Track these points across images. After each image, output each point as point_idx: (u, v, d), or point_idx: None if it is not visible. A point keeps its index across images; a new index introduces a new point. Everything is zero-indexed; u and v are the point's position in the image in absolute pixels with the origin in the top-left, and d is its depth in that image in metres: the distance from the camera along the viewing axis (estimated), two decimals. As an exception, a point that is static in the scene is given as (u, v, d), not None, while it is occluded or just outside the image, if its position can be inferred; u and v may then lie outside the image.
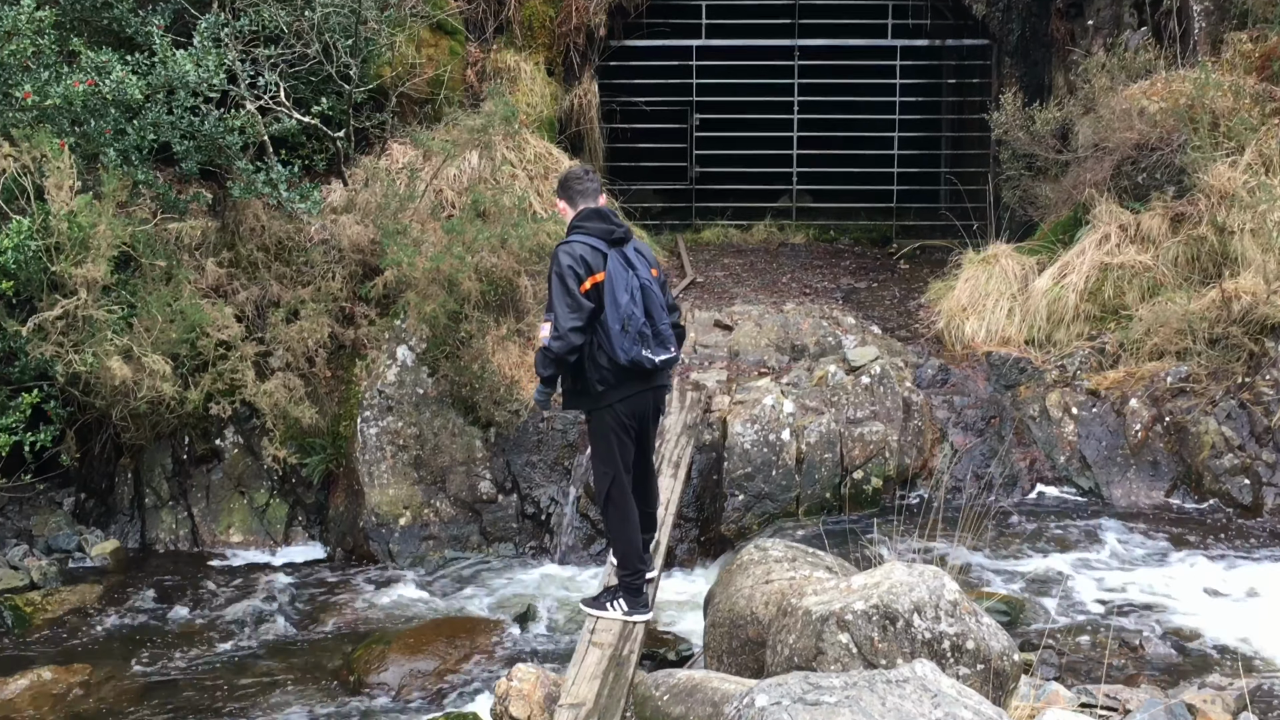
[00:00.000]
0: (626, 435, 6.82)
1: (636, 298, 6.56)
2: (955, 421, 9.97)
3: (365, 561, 9.87)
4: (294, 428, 10.14)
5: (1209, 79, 10.54)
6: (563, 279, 6.46)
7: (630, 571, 6.93)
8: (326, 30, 10.75)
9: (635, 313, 6.52)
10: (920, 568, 5.71)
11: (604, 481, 6.90)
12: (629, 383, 6.67)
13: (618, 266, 6.55)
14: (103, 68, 9.38)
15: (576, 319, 6.44)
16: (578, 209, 6.76)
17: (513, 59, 13.55)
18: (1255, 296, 9.51)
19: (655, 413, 7.04)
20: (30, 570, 9.46)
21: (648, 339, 6.59)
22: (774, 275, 13.69)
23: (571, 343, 6.46)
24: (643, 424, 6.92)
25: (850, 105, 16.28)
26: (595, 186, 6.83)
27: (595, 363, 6.59)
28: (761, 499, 9.30)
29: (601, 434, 6.82)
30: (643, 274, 6.65)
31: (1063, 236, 11.19)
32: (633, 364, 6.54)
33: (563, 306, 6.46)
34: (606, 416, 6.74)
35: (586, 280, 6.48)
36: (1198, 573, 8.05)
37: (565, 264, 6.48)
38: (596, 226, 6.65)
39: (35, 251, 9.05)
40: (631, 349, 6.51)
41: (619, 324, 6.48)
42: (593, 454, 7.06)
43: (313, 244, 10.70)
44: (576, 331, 6.45)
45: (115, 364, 9.12)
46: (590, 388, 6.67)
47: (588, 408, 6.83)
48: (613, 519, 6.97)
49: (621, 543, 6.96)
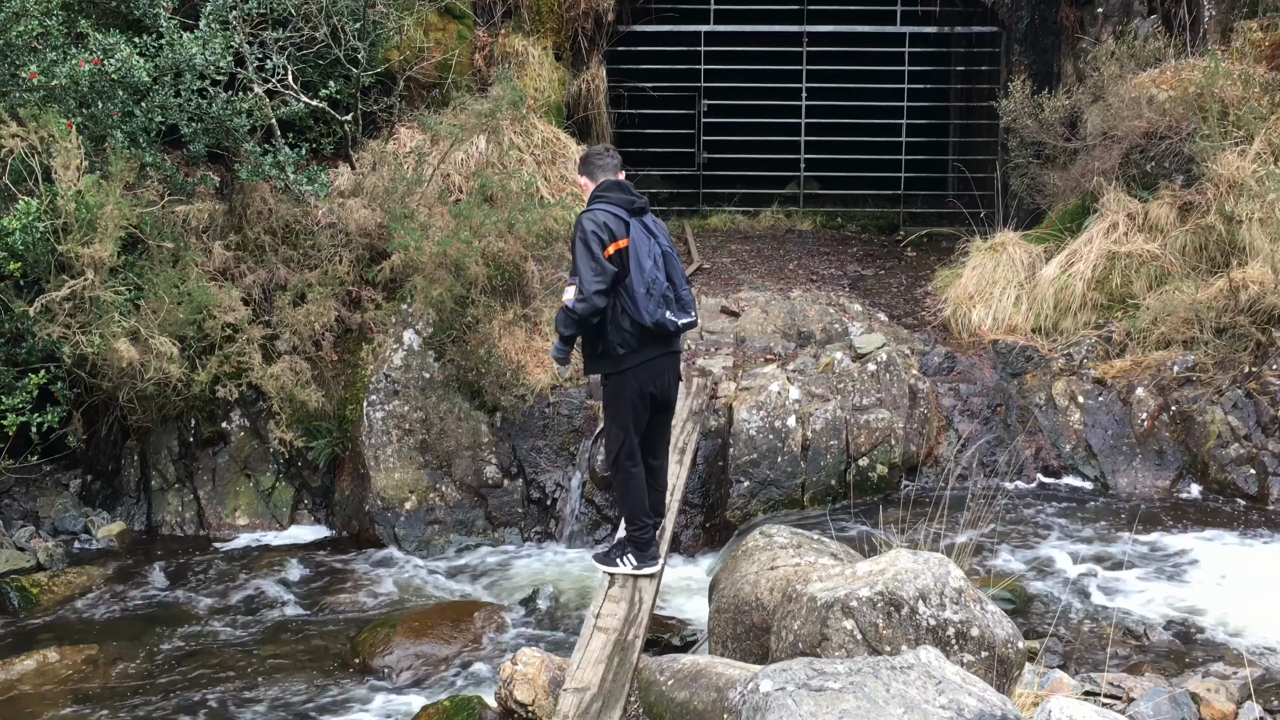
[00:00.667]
0: (643, 400, 7.04)
1: (659, 263, 6.88)
2: (961, 409, 9.97)
3: (371, 545, 9.88)
4: (300, 411, 10.16)
5: (1218, 68, 10.50)
6: (587, 243, 6.70)
7: (637, 526, 7.20)
8: (335, 14, 10.73)
9: (659, 277, 6.84)
10: (925, 555, 5.71)
11: (615, 443, 7.12)
12: (649, 346, 6.92)
13: (640, 234, 6.85)
14: (110, 49, 9.37)
15: (600, 282, 6.68)
16: (598, 181, 7.04)
17: (521, 43, 13.52)
18: (1263, 286, 9.49)
19: (675, 380, 7.24)
20: (37, 552, 9.49)
21: (670, 302, 6.90)
22: (781, 262, 13.67)
23: (595, 305, 6.70)
24: (663, 390, 7.13)
25: (858, 92, 16.25)
26: (615, 162, 7.12)
27: (618, 325, 6.83)
28: (767, 485, 9.31)
29: (619, 398, 7.03)
30: (663, 241, 7.00)
31: (1070, 225, 11.16)
32: (657, 326, 6.81)
33: (587, 269, 6.68)
34: (627, 381, 6.97)
35: (610, 245, 6.74)
36: (1202, 562, 8.05)
37: (589, 229, 6.73)
38: (618, 196, 6.93)
39: (43, 232, 9.05)
40: (656, 311, 6.79)
41: (644, 287, 6.77)
42: (607, 417, 7.26)
43: (320, 227, 10.70)
44: (600, 294, 6.69)
45: (122, 345, 9.13)
46: (612, 350, 6.89)
47: (607, 370, 7.02)
48: (619, 478, 7.22)
49: (629, 501, 7.21)
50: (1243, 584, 7.72)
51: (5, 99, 9.24)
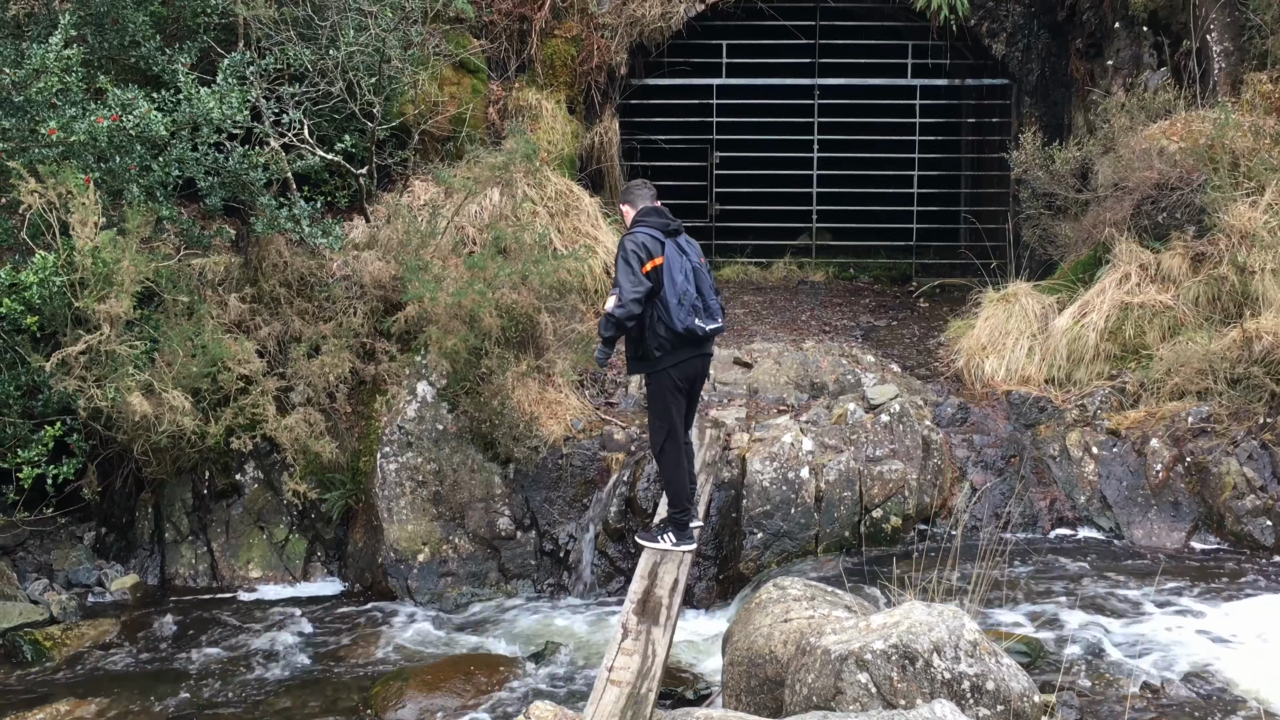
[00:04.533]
0: (679, 394, 8.22)
1: (690, 278, 8.00)
2: (975, 460, 9.95)
3: (384, 598, 9.86)
4: (314, 463, 10.17)
5: (1229, 119, 10.55)
6: (628, 260, 7.86)
7: (680, 509, 8.33)
8: (350, 69, 10.85)
9: (689, 289, 7.96)
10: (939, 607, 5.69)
11: (660, 434, 8.28)
12: (682, 349, 8.05)
13: (673, 253, 7.99)
14: (128, 104, 9.48)
15: (638, 292, 7.81)
16: (638, 209, 8.24)
17: (534, 97, 13.65)
18: (1277, 337, 9.47)
19: (703, 376, 8.49)
20: (50, 604, 9.49)
21: (699, 311, 8.02)
22: (793, 313, 13.70)
23: (632, 311, 7.82)
24: (693, 385, 8.36)
25: (870, 144, 16.34)
26: (651, 192, 8.38)
27: (655, 332, 7.97)
28: (780, 537, 9.28)
29: (659, 394, 8.21)
30: (694, 258, 8.12)
31: (1083, 275, 11.17)
32: (687, 331, 7.93)
33: (627, 281, 7.83)
34: (664, 378, 8.13)
35: (648, 263, 7.87)
36: (1219, 614, 7.98)
37: (630, 248, 7.90)
38: (655, 220, 8.11)
39: (60, 287, 9.12)
40: (687, 319, 7.91)
41: (676, 299, 7.89)
42: (650, 411, 8.43)
43: (334, 280, 10.77)
44: (636, 302, 7.81)
45: (136, 399, 9.17)
46: (649, 354, 8.05)
47: (648, 370, 8.19)
48: (667, 465, 8.33)
49: (674, 484, 8.35)
50: (1261, 637, 7.65)
51: (24, 155, 9.34)
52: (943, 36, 14.91)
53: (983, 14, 14.57)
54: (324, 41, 10.86)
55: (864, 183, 16.36)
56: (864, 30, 15.88)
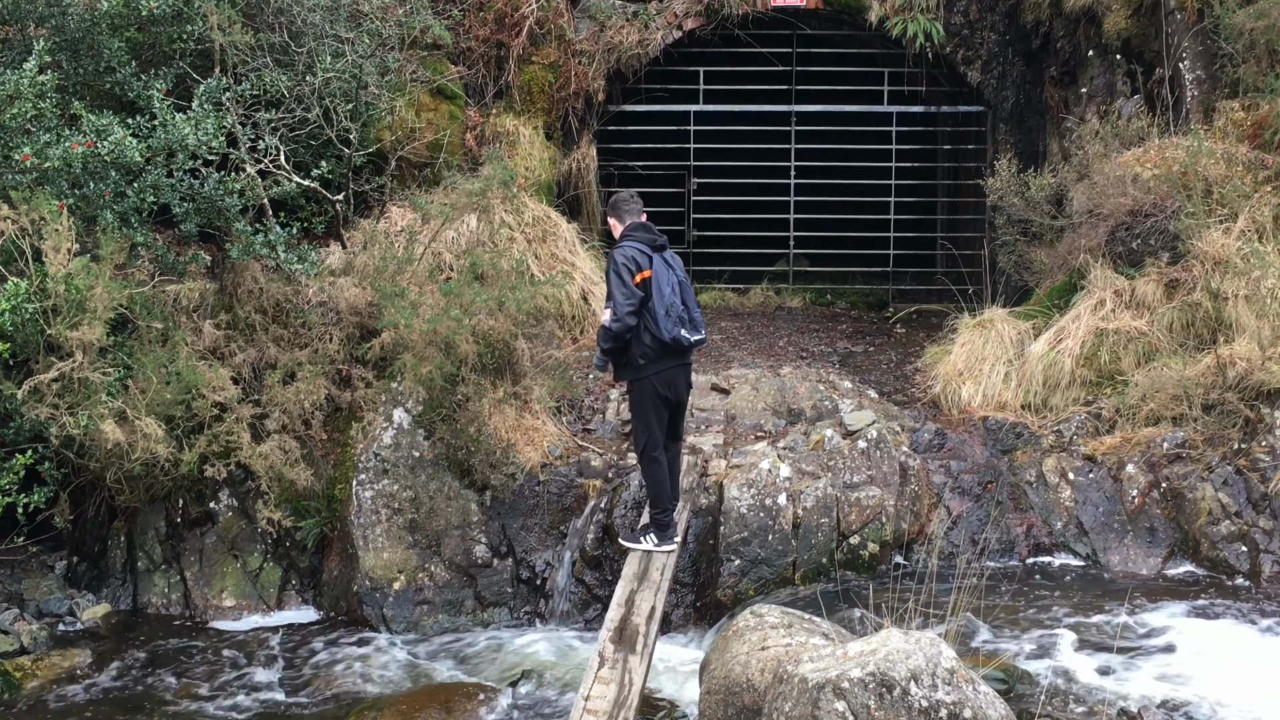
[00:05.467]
0: (661, 402, 8.61)
1: (676, 290, 8.43)
2: (952, 486, 9.95)
3: (359, 626, 9.79)
4: (289, 490, 10.10)
5: (1202, 146, 10.62)
6: (619, 273, 8.28)
7: (660, 510, 8.74)
8: (327, 95, 10.84)
9: (675, 301, 8.40)
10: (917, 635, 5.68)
11: (642, 438, 8.69)
12: (666, 358, 8.49)
13: (661, 266, 8.42)
14: (103, 130, 9.45)
15: (631, 304, 8.25)
16: (625, 223, 8.63)
17: (512, 123, 13.67)
18: (1250, 363, 9.52)
19: (686, 385, 8.87)
20: (21, 634, 9.39)
21: (685, 322, 8.46)
22: (771, 339, 13.71)
23: (627, 323, 8.27)
24: (677, 394, 8.73)
25: (847, 170, 16.40)
26: (638, 207, 8.76)
27: (640, 341, 8.39)
28: (758, 564, 9.26)
29: (641, 400, 8.62)
30: (679, 272, 8.57)
31: (1058, 301, 11.22)
32: (673, 341, 8.37)
33: (620, 294, 8.25)
34: (646, 385, 8.55)
35: (638, 275, 8.29)
36: (1196, 641, 7.99)
37: (621, 262, 8.32)
38: (642, 235, 8.54)
39: (32, 314, 9.06)
40: (673, 329, 8.35)
41: (664, 310, 8.32)
42: (633, 416, 8.84)
43: (310, 306, 10.72)
44: (631, 314, 8.26)
45: (109, 427, 9.09)
46: (634, 361, 8.47)
47: (631, 377, 8.61)
48: (647, 468, 8.72)
49: (653, 487, 8.74)
50: (1237, 663, 7.66)
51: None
52: (919, 64, 15.01)
53: (958, 42, 14.67)
54: (301, 67, 10.85)
55: (841, 209, 16.43)
56: (840, 57, 15.99)
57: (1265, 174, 10.65)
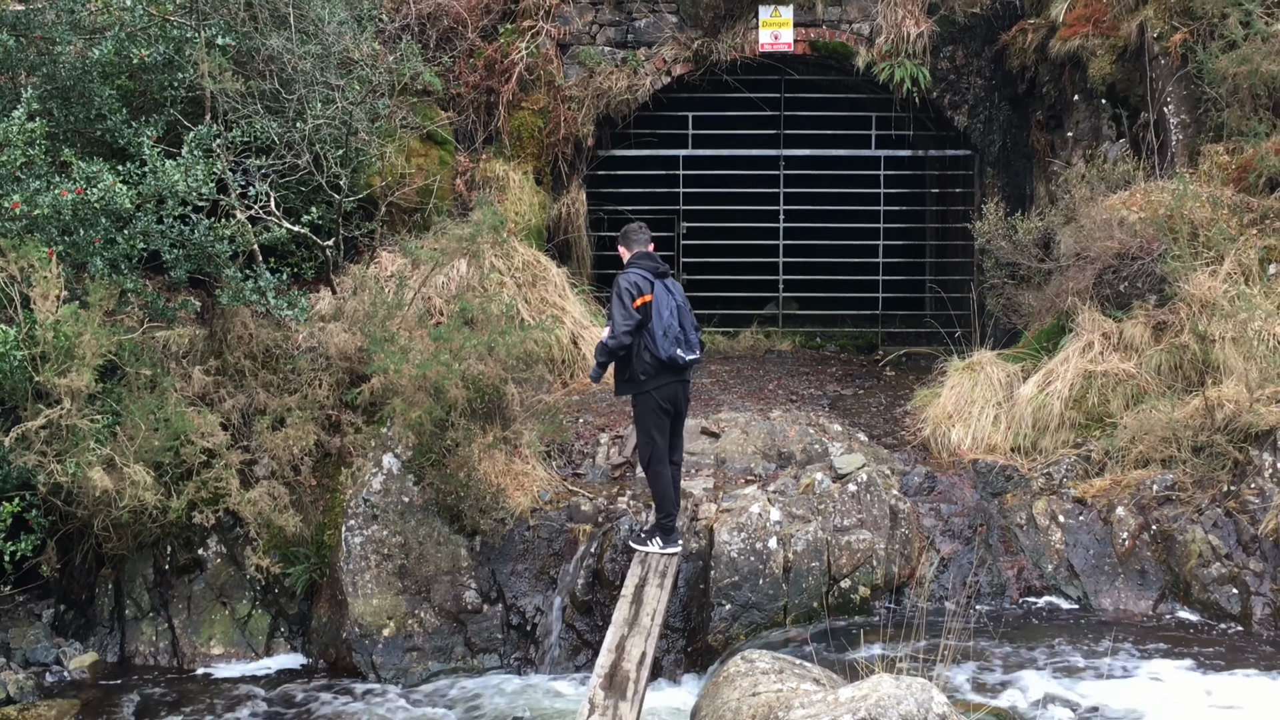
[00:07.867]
0: (662, 414, 9.34)
1: (674, 314, 9.22)
2: (943, 529, 9.94)
3: (348, 673, 9.72)
4: (278, 537, 10.07)
5: (1187, 190, 10.69)
6: (621, 297, 9.15)
7: (664, 514, 9.39)
8: (317, 141, 10.88)
9: (673, 324, 9.19)
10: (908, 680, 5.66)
11: (646, 450, 9.37)
12: (664, 374, 9.23)
13: (661, 292, 9.25)
14: (93, 177, 9.47)
15: (628, 325, 9.08)
16: (633, 251, 9.48)
17: (501, 168, 13.74)
18: (1238, 405, 9.55)
19: (685, 400, 9.59)
20: (7, 684, 9.31)
21: (681, 342, 9.21)
22: (761, 382, 13.72)
23: (622, 341, 9.11)
24: (676, 406, 9.45)
25: (835, 214, 16.48)
26: (646, 237, 9.63)
27: (641, 359, 9.18)
28: (749, 608, 9.22)
29: (644, 413, 9.35)
30: (678, 297, 9.36)
31: (1046, 344, 11.25)
32: (670, 359, 9.13)
33: (619, 315, 9.11)
34: (647, 399, 9.29)
35: (639, 299, 9.13)
36: (1188, 684, 7.97)
37: (624, 286, 9.19)
38: (646, 264, 9.37)
39: (20, 361, 9.05)
40: (670, 349, 9.12)
41: (662, 331, 9.11)
42: (637, 429, 9.56)
43: (300, 351, 10.73)
44: (627, 333, 9.09)
45: (97, 474, 9.06)
46: (636, 377, 9.25)
47: (633, 392, 9.36)
48: (652, 476, 9.39)
49: (659, 494, 9.39)
50: (1229, 707, 7.64)
51: (-13, 228, 9.30)
52: (906, 108, 15.11)
53: (945, 86, 14.78)
54: (291, 114, 10.90)
55: (830, 252, 16.48)
56: (828, 102, 16.09)
57: (1250, 217, 10.72)
